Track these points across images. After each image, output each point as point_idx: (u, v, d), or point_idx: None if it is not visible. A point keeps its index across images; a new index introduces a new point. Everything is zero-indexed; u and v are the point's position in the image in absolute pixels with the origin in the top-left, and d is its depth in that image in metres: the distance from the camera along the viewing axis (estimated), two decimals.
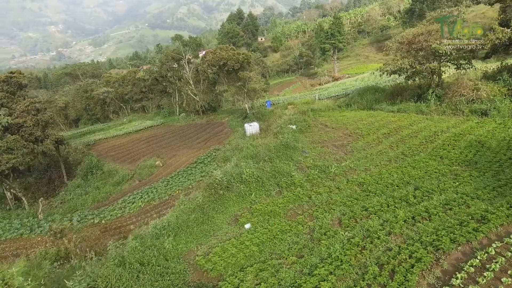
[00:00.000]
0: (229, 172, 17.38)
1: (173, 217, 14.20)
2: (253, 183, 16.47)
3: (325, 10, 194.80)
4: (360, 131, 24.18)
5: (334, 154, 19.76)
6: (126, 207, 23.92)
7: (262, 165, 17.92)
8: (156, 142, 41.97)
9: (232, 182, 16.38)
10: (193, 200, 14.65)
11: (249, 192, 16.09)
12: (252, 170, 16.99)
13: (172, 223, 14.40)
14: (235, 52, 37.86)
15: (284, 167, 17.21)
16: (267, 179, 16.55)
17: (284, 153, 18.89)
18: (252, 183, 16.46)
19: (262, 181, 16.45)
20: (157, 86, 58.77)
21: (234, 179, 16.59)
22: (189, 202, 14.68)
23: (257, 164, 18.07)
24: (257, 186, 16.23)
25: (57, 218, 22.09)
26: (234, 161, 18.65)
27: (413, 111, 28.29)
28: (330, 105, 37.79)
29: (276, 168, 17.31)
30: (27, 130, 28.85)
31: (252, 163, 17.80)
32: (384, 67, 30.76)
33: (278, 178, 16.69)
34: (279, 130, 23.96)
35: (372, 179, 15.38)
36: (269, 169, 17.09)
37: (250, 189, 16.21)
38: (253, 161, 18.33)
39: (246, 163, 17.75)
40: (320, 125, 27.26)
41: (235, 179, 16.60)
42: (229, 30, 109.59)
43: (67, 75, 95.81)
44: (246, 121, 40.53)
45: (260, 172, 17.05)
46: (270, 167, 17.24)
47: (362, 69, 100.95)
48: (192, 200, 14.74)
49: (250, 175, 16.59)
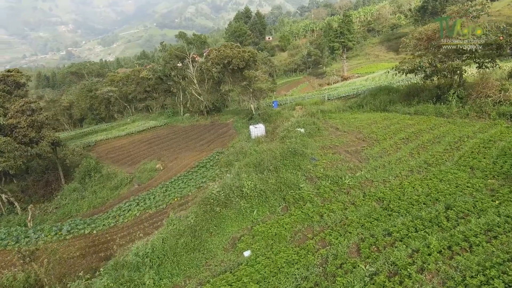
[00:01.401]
0: (228, 184, 15.13)
1: (159, 241, 11.81)
2: (255, 198, 14.13)
3: (334, 9, 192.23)
4: (375, 135, 22.04)
5: (347, 161, 17.67)
6: (120, 215, 22.23)
7: (266, 175, 15.68)
8: (158, 144, 40.39)
9: (231, 196, 14.12)
10: (184, 220, 12.32)
11: (251, 209, 13.74)
12: (255, 182, 14.84)
13: (157, 249, 12.03)
14: (240, 49, 35.95)
15: (291, 178, 15.06)
16: (271, 192, 14.28)
17: (292, 160, 16.76)
18: (254, 198, 14.12)
19: (266, 195, 14.25)
20: (161, 86, 57.32)
21: (233, 193, 14.33)
22: (179, 222, 12.19)
23: (260, 174, 15.83)
24: (260, 202, 13.96)
25: (46, 228, 20.49)
26: (235, 170, 16.52)
27: (432, 113, 26.02)
28: (340, 106, 35.66)
29: (282, 179, 15.10)
30: (21, 131, 27.41)
31: (254, 173, 15.56)
32: (400, 65, 28.48)
33: (284, 191, 14.46)
34: (286, 133, 21.85)
35: (393, 193, 13.26)
36: (274, 181, 14.86)
37: (251, 205, 13.93)
38: (256, 170, 16.10)
39: (248, 173, 15.54)
40: (331, 128, 25.15)
41: (235, 193, 14.32)
42: (236, 29, 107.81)
43: (72, 74, 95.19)
44: (251, 123, 38.65)
45: (264, 184, 14.88)
46: (276, 178, 15.00)
47: (372, 69, 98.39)
48: (182, 220, 12.39)
49: (252, 188, 14.38)
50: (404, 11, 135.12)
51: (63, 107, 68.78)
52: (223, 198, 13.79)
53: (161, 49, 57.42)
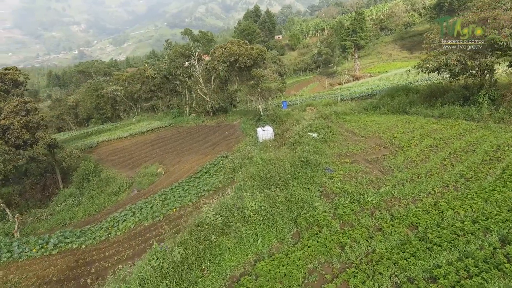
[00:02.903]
0: (227, 204, 12.32)
1: (135, 285, 9.34)
2: (260, 222, 11.35)
3: (345, 8, 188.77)
4: (397, 142, 19.54)
5: (368, 173, 15.25)
6: (114, 227, 20.30)
7: (273, 192, 13.06)
8: (161, 146, 38.54)
9: (230, 221, 11.36)
10: (171, 254, 9.67)
11: (254, 237, 10.93)
12: (260, 202, 11.99)
13: None
14: (247, 47, 33.73)
15: (304, 194, 12.58)
16: (280, 214, 11.61)
17: (304, 172, 14.32)
18: (259, 223, 11.34)
19: (273, 218, 11.45)
20: (167, 85, 55.56)
21: (233, 217, 11.54)
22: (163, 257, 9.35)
23: (267, 189, 13.27)
24: (266, 227, 11.30)
25: (32, 240, 18.70)
26: (237, 185, 14.06)
27: (460, 116, 23.32)
28: (355, 107, 33.13)
29: (293, 196, 12.53)
30: (14, 133, 25.78)
31: (260, 189, 12.92)
32: (423, 63, 25.82)
33: (295, 211, 11.87)
34: (297, 139, 19.42)
35: (429, 217, 10.84)
36: (284, 199, 12.20)
37: (255, 232, 11.09)
38: (262, 185, 13.63)
39: (252, 189, 12.82)
40: (347, 132, 22.68)
41: (235, 217, 11.53)
42: (245, 27, 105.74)
43: (79, 73, 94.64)
44: (259, 124, 36.44)
45: (271, 203, 12.14)
46: (285, 195, 12.41)
47: (385, 68, 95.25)
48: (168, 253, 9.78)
49: (256, 210, 11.59)
50: (417, 9, 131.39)
51: (69, 106, 67.81)
52: (220, 223, 11.06)
53: (166, 47, 55.71)
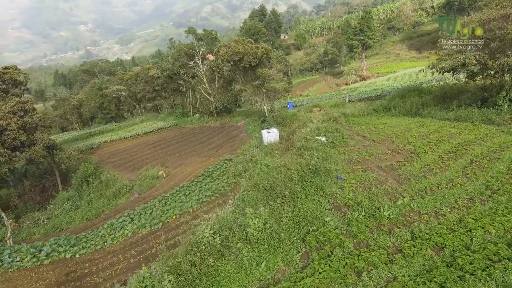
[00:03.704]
0: (227, 221, 10.71)
1: None
2: (264, 242, 9.81)
3: (351, 7, 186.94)
4: (412, 147, 18.20)
5: (382, 182, 13.98)
6: (111, 235, 19.30)
7: (279, 205, 11.54)
8: (163, 147, 37.58)
9: (230, 241, 9.90)
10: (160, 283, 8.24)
11: (258, 260, 9.42)
12: (264, 218, 10.47)
13: None
14: (252, 45, 32.54)
15: (313, 208, 11.20)
16: (287, 232, 10.14)
17: (312, 182, 13.01)
18: (263, 242, 9.80)
19: (279, 237, 9.98)
20: (171, 85, 54.66)
21: (234, 236, 10.06)
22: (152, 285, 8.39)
23: (272, 201, 11.79)
24: (270, 248, 9.75)
25: (24, 249, 17.79)
26: (239, 195, 12.74)
27: (478, 119, 21.86)
28: (364, 109, 31.78)
29: (301, 210, 11.08)
30: (11, 134, 24.94)
31: (265, 203, 11.28)
32: (438, 63, 24.41)
33: (304, 228, 10.44)
34: (304, 143, 18.15)
35: (456, 237, 9.55)
36: (290, 213, 10.74)
37: (259, 253, 9.55)
38: (266, 196, 12.30)
39: (255, 202, 11.34)
40: (357, 136, 21.37)
41: (236, 236, 10.05)
42: (251, 26, 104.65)
43: (84, 72, 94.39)
44: (264, 126, 35.29)
45: (277, 219, 10.64)
46: (292, 209, 11.04)
47: (393, 68, 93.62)
48: (157, 282, 8.36)
49: (260, 228, 10.11)
50: (426, 8, 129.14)
51: (73, 106, 67.36)
52: (219, 244, 9.65)
53: (170, 46, 54.71)
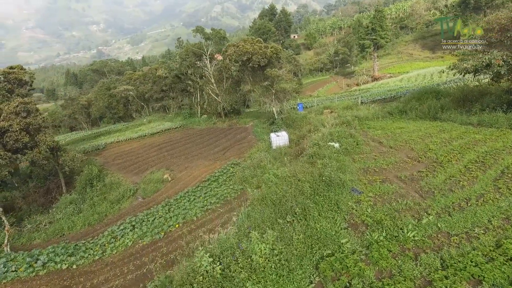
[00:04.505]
0: (229, 245, 9.18)
1: None
2: (271, 272, 8.26)
3: (362, 7, 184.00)
4: (433, 155, 16.74)
5: (404, 196, 12.64)
6: (111, 243, 18.41)
7: (289, 224, 10.11)
8: (169, 149, 36.70)
9: (232, 270, 8.40)
10: None
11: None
12: (272, 242, 8.88)
13: None
14: (261, 45, 31.36)
15: (327, 227, 9.79)
16: (298, 258, 8.63)
17: (326, 196, 11.67)
18: (270, 271, 8.24)
19: (289, 265, 8.40)
20: (178, 85, 53.86)
21: (237, 264, 8.57)
22: None
23: (281, 219, 10.48)
24: (279, 278, 8.19)
25: (20, 257, 17.02)
26: (244, 210, 11.38)
27: (504, 125, 20.13)
28: (378, 111, 30.18)
29: (313, 230, 9.65)
30: (13, 135, 24.34)
31: (271, 217, 10.23)
32: (460, 63, 22.83)
33: (317, 252, 8.97)
34: (316, 150, 16.79)
35: (496, 268, 8.19)
36: (302, 235, 9.41)
37: (265, 285, 8.06)
38: (275, 213, 10.86)
39: (261, 222, 10.15)
40: (372, 142, 19.97)
41: (239, 264, 8.54)
42: (260, 26, 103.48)
43: (94, 71, 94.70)
44: (273, 128, 34.09)
45: (286, 243, 9.09)
46: (304, 229, 9.69)
47: (406, 68, 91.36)
48: None
49: (266, 255, 8.56)
50: (439, 7, 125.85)
51: (81, 106, 67.30)
52: (219, 275, 8.17)
53: (178, 45, 53.93)
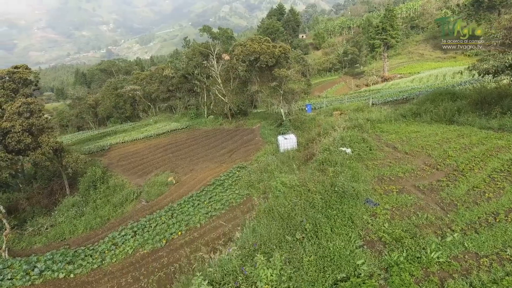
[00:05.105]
0: (231, 268, 7.81)
1: None
2: None
3: (372, 6, 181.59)
4: (453, 162, 15.56)
5: (423, 209, 11.56)
6: (111, 250, 17.72)
7: (299, 242, 8.80)
8: (174, 151, 36.05)
9: None
10: None
11: None
12: (279, 267, 7.52)
13: None
14: (269, 44, 30.41)
15: (341, 246, 8.72)
16: (309, 283, 7.28)
17: (339, 209, 10.60)
18: None
19: None
20: (185, 85, 53.29)
21: None
22: None
23: (290, 236, 9.05)
24: None
25: (17, 264, 16.42)
26: (250, 223, 10.40)
27: None
28: (390, 113, 28.95)
29: (326, 249, 8.37)
30: (15, 136, 23.88)
31: (279, 232, 9.29)
32: (480, 64, 21.57)
33: (330, 276, 7.55)
34: (326, 156, 15.74)
35: None
36: (313, 256, 8.12)
37: None
38: (282, 227, 9.58)
39: (269, 238, 8.50)
40: (386, 147, 18.86)
41: None
42: (269, 25, 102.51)
43: (102, 71, 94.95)
44: (280, 130, 33.13)
45: (296, 266, 7.82)
46: (315, 249, 8.43)
47: (417, 69, 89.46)
48: None
49: (273, 282, 7.21)
50: (451, 7, 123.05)
51: (89, 105, 67.32)
52: None
53: (185, 45, 53.34)
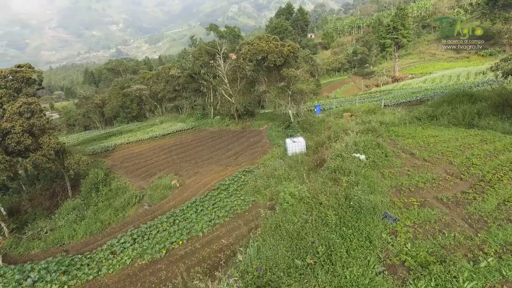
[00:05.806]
0: None
1: None
2: None
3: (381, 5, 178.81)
4: (478, 171, 14.19)
5: (449, 225, 10.30)
6: (108, 259, 16.80)
7: (309, 269, 7.54)
8: (179, 153, 35.16)
9: None
10: None
11: None
12: None
13: None
14: (278, 43, 29.22)
15: (359, 273, 7.59)
16: None
17: (355, 226, 9.37)
18: None
19: None
20: (191, 85, 52.44)
21: None
22: None
23: (300, 260, 7.83)
24: None
25: (9, 274, 15.64)
26: (254, 243, 9.14)
27: None
28: (404, 116, 27.52)
29: (342, 278, 7.16)
30: (14, 137, 23.21)
31: (287, 255, 8.18)
32: (504, 64, 20.09)
33: None
34: (339, 163, 14.43)
35: None
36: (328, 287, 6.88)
37: None
38: (291, 248, 7.89)
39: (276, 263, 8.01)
40: (403, 153, 17.50)
41: None
42: (277, 24, 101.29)
43: (109, 70, 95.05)
44: (288, 132, 31.96)
45: None
46: (330, 278, 7.15)
47: (429, 69, 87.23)
48: None
49: None
50: (463, 6, 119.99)
51: (95, 105, 67.06)
52: None
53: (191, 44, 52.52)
